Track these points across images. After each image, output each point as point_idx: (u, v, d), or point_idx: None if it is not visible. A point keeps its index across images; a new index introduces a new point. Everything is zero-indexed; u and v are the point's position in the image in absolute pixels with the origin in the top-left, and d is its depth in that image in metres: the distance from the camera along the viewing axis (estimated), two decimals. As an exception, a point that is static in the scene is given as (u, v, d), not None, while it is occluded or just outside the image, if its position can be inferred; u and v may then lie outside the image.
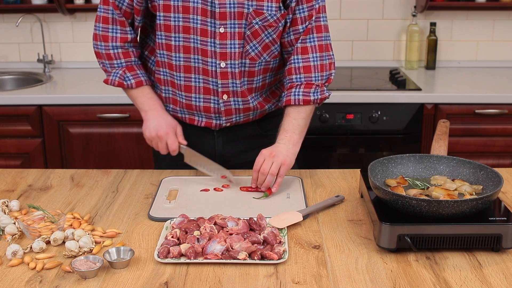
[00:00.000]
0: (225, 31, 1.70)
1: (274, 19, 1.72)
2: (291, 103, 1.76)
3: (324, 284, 1.25)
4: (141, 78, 1.82)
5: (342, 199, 1.66)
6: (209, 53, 1.73)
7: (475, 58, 3.45)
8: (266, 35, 1.74)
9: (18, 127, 2.87)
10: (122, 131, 2.88)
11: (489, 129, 2.87)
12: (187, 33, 1.72)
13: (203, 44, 1.72)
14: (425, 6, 3.19)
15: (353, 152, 2.92)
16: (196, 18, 1.69)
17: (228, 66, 1.75)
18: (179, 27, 1.71)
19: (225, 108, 1.82)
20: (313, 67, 1.77)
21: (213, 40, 1.71)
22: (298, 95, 1.76)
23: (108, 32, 1.78)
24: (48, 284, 1.25)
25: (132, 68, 1.82)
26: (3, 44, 3.46)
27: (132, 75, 1.81)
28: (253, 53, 1.76)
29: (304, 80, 1.77)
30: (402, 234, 1.34)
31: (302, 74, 1.77)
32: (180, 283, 1.26)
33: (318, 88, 1.78)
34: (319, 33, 1.77)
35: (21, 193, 1.73)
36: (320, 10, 1.77)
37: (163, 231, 1.45)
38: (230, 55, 1.73)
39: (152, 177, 1.85)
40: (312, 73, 1.77)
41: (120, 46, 1.79)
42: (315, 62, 1.77)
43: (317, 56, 1.77)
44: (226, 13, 1.68)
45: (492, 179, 1.48)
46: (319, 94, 1.78)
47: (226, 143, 1.92)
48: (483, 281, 1.26)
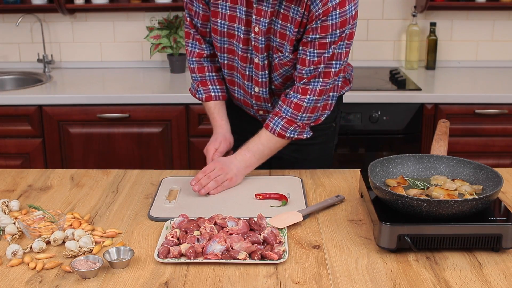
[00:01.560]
0: (258, 62, 1.81)
1: (288, 59, 1.78)
2: (268, 129, 1.80)
3: (324, 284, 1.25)
4: (211, 94, 1.92)
5: (342, 199, 1.66)
6: (247, 77, 1.87)
7: (475, 58, 3.45)
8: (285, 70, 1.82)
9: (18, 127, 2.87)
10: (122, 131, 2.88)
11: (489, 129, 2.87)
12: (231, 55, 1.86)
13: (242, 68, 1.86)
14: (425, 6, 3.19)
15: (353, 152, 2.92)
16: (238, 45, 1.82)
17: (260, 92, 1.88)
18: (224, 49, 1.85)
19: (262, 119, 1.98)
20: (304, 108, 1.76)
21: (251, 66, 1.84)
22: (277, 126, 1.79)
23: (188, 46, 1.92)
24: (48, 284, 1.25)
25: (205, 83, 1.93)
26: (3, 44, 3.46)
27: (203, 89, 1.93)
28: (277, 82, 1.87)
29: (289, 116, 1.78)
30: (402, 234, 1.34)
31: (291, 109, 1.77)
32: (180, 283, 1.26)
33: (298, 128, 1.79)
34: (325, 79, 1.75)
35: (21, 193, 1.73)
36: (333, 57, 1.71)
37: (163, 231, 1.45)
38: (262, 84, 1.85)
39: (152, 177, 1.85)
40: (299, 113, 1.77)
41: (196, 61, 1.92)
42: (308, 104, 1.76)
43: (313, 100, 1.76)
44: (258, 48, 1.77)
45: (492, 179, 1.48)
46: (297, 133, 1.80)
47: None
48: (483, 281, 1.26)
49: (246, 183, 1.77)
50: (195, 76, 1.94)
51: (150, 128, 2.89)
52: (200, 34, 1.90)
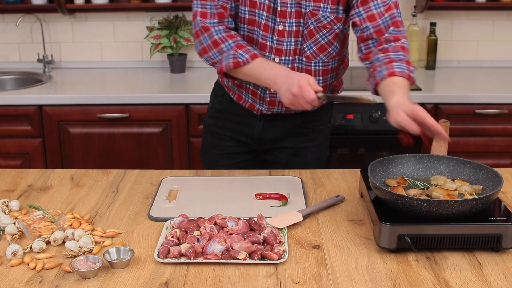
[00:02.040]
0: (284, 28, 1.76)
1: (328, 21, 1.76)
2: (396, 74, 1.64)
3: (324, 284, 1.25)
4: (253, 51, 1.74)
5: (342, 199, 1.66)
6: (267, 48, 1.80)
7: (475, 58, 3.45)
8: (321, 36, 1.79)
9: (18, 127, 2.87)
10: (122, 131, 2.88)
11: (489, 129, 2.87)
12: (252, 25, 1.80)
13: (264, 38, 1.79)
14: (425, 6, 3.19)
15: (353, 152, 2.92)
16: (261, 14, 1.76)
17: (282, 61, 1.81)
18: (245, 19, 1.79)
19: (270, 99, 1.89)
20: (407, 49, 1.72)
21: (272, 36, 1.78)
22: (403, 69, 1.65)
23: (206, 23, 1.78)
24: (48, 284, 1.25)
25: (242, 46, 1.76)
26: (3, 44, 3.46)
27: (244, 51, 1.74)
28: (308, 52, 1.81)
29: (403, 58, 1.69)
30: (402, 234, 1.34)
31: (401, 52, 1.70)
32: (180, 283, 1.26)
33: (413, 67, 1.70)
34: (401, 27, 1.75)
35: (21, 193, 1.73)
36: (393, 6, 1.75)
37: (163, 231, 1.45)
38: (285, 52, 1.80)
39: (152, 177, 1.85)
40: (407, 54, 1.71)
41: (223, 30, 1.78)
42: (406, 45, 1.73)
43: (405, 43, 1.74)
44: (287, 12, 1.74)
45: (492, 179, 1.48)
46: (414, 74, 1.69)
47: (265, 128, 1.98)
48: (483, 281, 1.26)
49: (246, 183, 1.77)
50: (227, 44, 1.75)
51: (150, 128, 2.89)
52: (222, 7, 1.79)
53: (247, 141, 2.01)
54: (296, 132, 1.99)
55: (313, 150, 2.01)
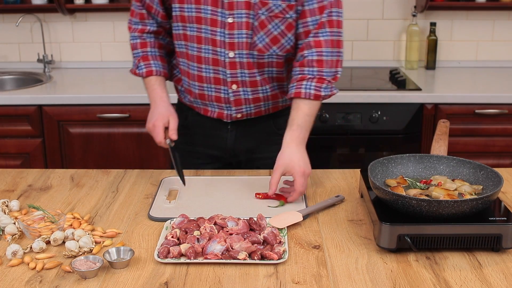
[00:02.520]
0: (233, 21, 1.72)
1: (280, 10, 1.71)
2: (301, 96, 1.72)
3: (324, 284, 1.25)
4: (152, 68, 1.84)
5: (342, 199, 1.66)
6: (219, 43, 1.75)
7: (475, 58, 3.45)
8: (274, 27, 1.73)
9: (18, 127, 2.87)
10: (122, 131, 2.88)
11: (489, 129, 2.87)
12: (199, 23, 1.75)
13: (213, 34, 1.75)
14: (425, 6, 3.19)
15: (353, 152, 2.92)
16: (206, 9, 1.72)
17: (237, 56, 1.76)
18: (192, 18, 1.75)
19: (235, 98, 1.83)
20: (325, 62, 1.72)
21: (223, 30, 1.73)
22: (310, 89, 1.72)
23: (131, 23, 1.88)
24: (48, 284, 1.25)
25: (146, 58, 1.85)
26: (3, 44, 3.46)
27: (144, 64, 1.85)
28: (261, 45, 1.76)
29: (316, 74, 1.72)
30: (402, 234, 1.34)
31: (315, 67, 1.72)
32: (180, 283, 1.26)
33: (329, 84, 1.74)
34: (331, 28, 1.72)
35: (21, 193, 1.73)
36: (331, 5, 1.71)
37: (163, 231, 1.45)
38: (238, 45, 1.75)
39: (152, 177, 1.85)
40: (324, 68, 1.73)
41: (138, 36, 1.86)
42: (327, 57, 1.72)
43: (329, 52, 1.73)
44: (234, 3, 1.70)
45: (492, 179, 1.48)
46: (329, 90, 1.75)
47: (238, 138, 1.93)
48: (483, 281, 1.26)
49: (246, 183, 1.77)
50: (137, 52, 1.86)
51: (150, 128, 2.88)
52: (146, 8, 1.84)
53: (220, 154, 1.95)
54: (271, 140, 1.92)
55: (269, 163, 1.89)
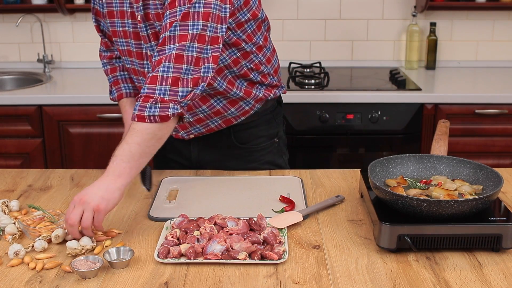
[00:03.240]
0: (151, 53, 1.69)
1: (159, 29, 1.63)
2: (131, 119, 1.50)
3: (324, 284, 1.25)
4: (122, 91, 1.88)
5: (342, 199, 1.66)
6: (147, 75, 1.71)
7: (475, 58, 3.45)
8: None
9: (18, 127, 2.87)
10: (122, 131, 2.86)
11: (489, 129, 2.87)
12: (130, 57, 1.77)
13: (141, 66, 1.76)
14: (425, 6, 3.19)
15: (353, 152, 2.92)
16: (131, 42, 1.74)
17: None
18: (124, 51, 1.78)
19: (178, 124, 1.60)
20: (160, 78, 1.47)
21: (147, 62, 1.73)
22: (135, 110, 1.48)
23: (101, 51, 1.93)
24: (48, 284, 1.25)
25: (117, 82, 1.90)
26: (3, 44, 3.46)
27: (116, 88, 1.90)
28: None
29: (145, 92, 1.48)
30: (402, 234, 1.34)
31: (146, 85, 1.49)
32: (180, 283, 1.26)
33: (158, 103, 1.46)
34: (182, 42, 1.48)
35: (21, 193, 1.73)
36: (189, 17, 1.49)
37: (163, 231, 1.45)
38: None
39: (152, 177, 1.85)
40: (156, 85, 1.47)
41: (107, 63, 1.92)
42: (164, 73, 1.47)
43: (170, 67, 1.48)
44: (144, 36, 1.68)
45: (492, 179, 1.48)
46: (158, 110, 1.46)
47: (201, 150, 1.91)
48: (483, 281, 1.26)
49: (246, 183, 1.77)
50: (109, 78, 1.91)
51: (150, 128, 2.88)
52: (106, 37, 1.88)
53: (187, 163, 1.94)
54: (234, 154, 1.87)
55: (264, 168, 1.88)
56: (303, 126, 2.84)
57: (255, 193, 1.70)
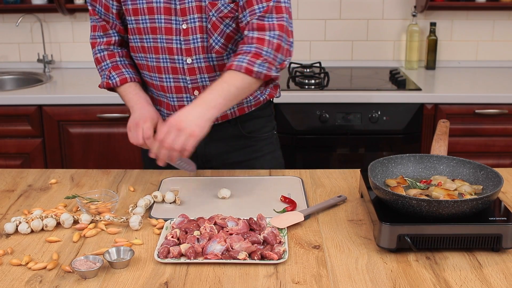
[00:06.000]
0: (187, 26, 1.70)
1: (229, 9, 1.68)
2: (232, 68, 1.60)
3: (324, 284, 1.25)
4: (125, 76, 1.80)
5: (344, 199, 1.66)
6: (175, 51, 1.73)
7: (475, 58, 3.45)
8: (226, 26, 1.71)
9: (18, 127, 2.87)
10: (122, 131, 2.88)
11: (489, 129, 2.87)
12: (154, 34, 1.73)
13: (169, 42, 1.73)
14: (425, 6, 3.19)
15: (353, 152, 2.93)
16: (160, 18, 1.71)
17: (194, 62, 1.74)
18: (147, 29, 1.74)
19: (178, 103, 1.79)
20: (267, 42, 1.62)
21: (178, 37, 1.72)
22: (242, 62, 1.60)
23: (96, 38, 1.85)
24: (48, 284, 1.25)
25: (117, 67, 1.82)
26: (3, 44, 3.46)
27: (116, 73, 1.81)
28: (217, 47, 1.73)
29: (254, 50, 1.61)
30: (402, 234, 1.34)
31: (254, 44, 1.62)
32: (180, 283, 1.26)
33: (266, 62, 1.61)
34: (279, 14, 1.65)
35: (21, 193, 1.73)
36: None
37: (163, 231, 1.45)
38: (194, 50, 1.73)
39: (152, 177, 1.85)
40: (264, 47, 1.61)
41: (105, 49, 1.84)
42: (271, 38, 1.62)
43: (276, 34, 1.63)
44: (186, 8, 1.68)
45: (492, 179, 1.48)
46: (265, 68, 1.61)
47: (207, 143, 1.90)
48: (483, 281, 1.26)
49: (246, 183, 1.77)
50: (105, 63, 1.82)
51: (150, 128, 2.88)
52: (104, 20, 1.81)
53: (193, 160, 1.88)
54: (242, 144, 1.91)
55: (266, 159, 1.93)
56: (303, 126, 2.84)
57: (256, 193, 1.70)
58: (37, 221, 1.48)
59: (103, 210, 1.55)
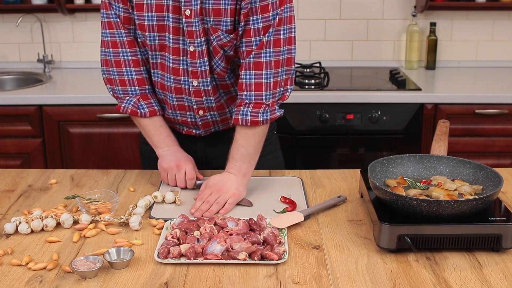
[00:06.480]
0: (195, 49, 1.67)
1: (228, 39, 1.66)
2: (238, 123, 1.67)
3: (324, 284, 1.25)
4: (154, 108, 1.77)
5: (344, 199, 1.66)
6: (181, 72, 1.71)
7: (475, 58, 3.45)
8: (225, 52, 1.69)
9: (18, 127, 2.87)
10: (122, 131, 2.88)
11: (489, 129, 2.87)
12: (163, 51, 1.71)
13: (176, 62, 1.70)
14: (425, 6, 3.19)
15: (353, 152, 2.92)
16: (169, 37, 1.67)
17: (201, 84, 1.72)
18: (155, 46, 1.70)
19: (202, 122, 1.82)
20: (265, 85, 1.65)
21: (185, 58, 1.69)
22: (246, 115, 1.66)
23: (119, 56, 1.72)
24: (48, 284, 1.25)
25: (147, 97, 1.77)
26: (3, 44, 3.46)
27: (146, 103, 1.76)
28: (218, 69, 1.72)
29: (253, 99, 1.66)
30: (402, 234, 1.34)
31: (253, 92, 1.65)
32: (180, 283, 1.26)
33: (268, 108, 1.67)
34: (276, 47, 1.64)
35: (21, 193, 1.73)
36: (280, 23, 1.62)
37: (163, 232, 1.45)
38: (201, 74, 1.70)
39: (152, 177, 1.85)
40: (263, 92, 1.65)
41: (135, 72, 1.74)
42: (268, 80, 1.65)
43: (271, 73, 1.65)
44: (193, 32, 1.64)
45: (492, 179, 1.48)
46: (269, 114, 1.67)
47: (208, 146, 1.92)
48: (483, 281, 1.26)
49: (246, 183, 1.77)
50: (133, 89, 1.75)
51: (150, 128, 2.88)
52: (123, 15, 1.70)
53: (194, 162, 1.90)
54: None
55: (267, 159, 1.91)
56: (303, 126, 2.84)
57: (256, 194, 1.70)
58: (37, 221, 1.48)
59: (103, 210, 1.55)
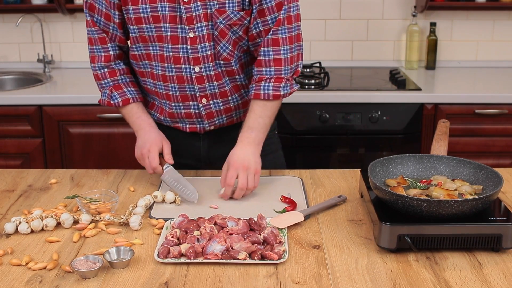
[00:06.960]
0: (195, 35, 1.68)
1: (238, 17, 1.69)
2: (260, 98, 1.73)
3: (324, 284, 1.25)
4: (127, 96, 1.80)
5: (345, 199, 1.66)
6: (182, 60, 1.72)
7: (475, 58, 3.45)
8: (233, 33, 1.72)
9: (18, 127, 2.87)
10: (122, 131, 2.88)
11: (489, 129, 2.87)
12: (161, 42, 1.72)
13: (175, 51, 1.71)
14: (425, 6, 3.19)
15: (353, 152, 2.93)
16: (166, 26, 1.69)
17: (203, 70, 1.74)
18: (153, 37, 1.71)
19: (206, 112, 1.82)
20: (283, 60, 1.73)
21: (185, 46, 1.70)
22: (268, 90, 1.73)
23: (94, 52, 1.83)
24: (48, 284, 1.25)
25: (119, 87, 1.81)
26: (3, 44, 3.46)
27: (118, 93, 1.80)
28: (225, 54, 1.74)
29: (274, 74, 1.73)
30: (402, 234, 1.34)
31: (273, 67, 1.73)
32: (180, 283, 1.26)
33: (288, 82, 1.75)
34: (289, 24, 1.72)
35: (21, 193, 1.73)
36: (288, 0, 1.71)
37: (163, 231, 1.45)
38: (203, 59, 1.72)
39: (152, 177, 1.85)
40: (282, 67, 1.73)
41: (105, 66, 1.81)
42: (285, 55, 1.73)
43: (288, 49, 1.73)
44: (192, 17, 1.66)
45: (492, 179, 1.48)
46: (289, 88, 1.75)
47: (211, 146, 1.92)
48: (483, 281, 1.26)
49: (246, 183, 1.77)
50: (106, 81, 1.81)
51: (150, 128, 2.88)
52: (103, 31, 1.80)
53: (194, 163, 1.93)
54: None
55: (268, 159, 1.91)
56: (303, 126, 2.84)
57: (256, 193, 1.70)
58: (37, 221, 1.48)
59: (103, 210, 1.55)
